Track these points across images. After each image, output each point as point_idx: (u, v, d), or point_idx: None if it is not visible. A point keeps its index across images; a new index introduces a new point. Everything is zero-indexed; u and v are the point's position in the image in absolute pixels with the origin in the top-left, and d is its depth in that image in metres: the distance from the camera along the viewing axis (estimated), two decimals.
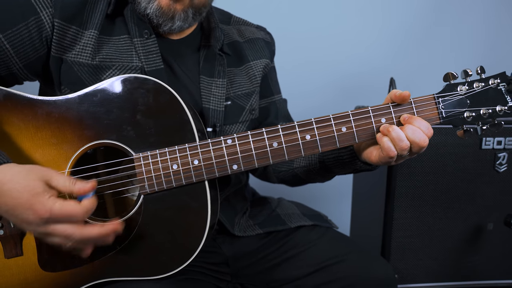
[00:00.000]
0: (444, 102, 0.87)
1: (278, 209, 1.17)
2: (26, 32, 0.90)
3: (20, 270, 0.85)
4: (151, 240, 0.85)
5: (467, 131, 0.89)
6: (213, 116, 1.01)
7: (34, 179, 0.74)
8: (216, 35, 1.06)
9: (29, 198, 0.72)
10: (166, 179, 0.85)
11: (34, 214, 0.72)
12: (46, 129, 0.86)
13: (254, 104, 1.11)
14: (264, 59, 1.14)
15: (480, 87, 0.88)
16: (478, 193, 1.44)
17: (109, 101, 0.86)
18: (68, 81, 0.93)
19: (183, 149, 0.85)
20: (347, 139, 0.86)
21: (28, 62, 0.92)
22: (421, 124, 0.83)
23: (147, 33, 0.96)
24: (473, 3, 1.99)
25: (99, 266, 0.85)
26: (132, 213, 0.85)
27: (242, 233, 1.08)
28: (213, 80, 1.03)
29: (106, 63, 0.94)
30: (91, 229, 0.76)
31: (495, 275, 1.49)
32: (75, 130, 0.86)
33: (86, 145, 0.86)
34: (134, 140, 0.85)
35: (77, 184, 0.76)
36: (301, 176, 1.09)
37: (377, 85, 1.82)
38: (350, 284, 0.98)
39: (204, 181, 0.85)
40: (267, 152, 0.85)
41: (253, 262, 1.07)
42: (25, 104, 0.87)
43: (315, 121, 0.85)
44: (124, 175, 0.88)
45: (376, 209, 1.51)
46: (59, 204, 0.73)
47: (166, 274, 0.85)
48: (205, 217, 0.85)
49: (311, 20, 1.91)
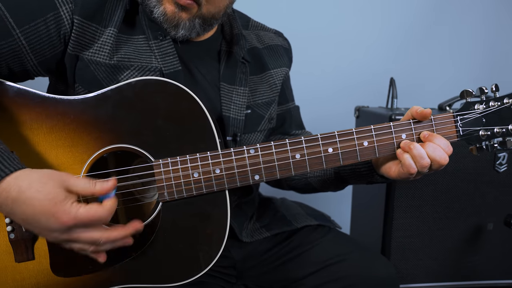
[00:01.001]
0: (462, 120, 0.89)
1: (283, 209, 1.17)
2: (44, 28, 0.85)
3: (31, 274, 0.82)
4: (168, 248, 0.84)
5: (480, 149, 0.91)
6: (233, 124, 0.99)
7: (54, 186, 0.71)
8: (241, 43, 1.03)
9: (51, 206, 0.69)
10: (186, 187, 0.83)
11: (58, 222, 0.70)
12: (61, 130, 0.83)
13: (273, 113, 1.10)
14: (284, 68, 1.13)
15: (496, 106, 0.90)
16: (478, 193, 1.44)
17: (128, 104, 0.83)
18: (83, 80, 0.89)
19: (204, 157, 0.83)
20: (368, 154, 0.86)
21: (44, 59, 0.88)
22: (441, 142, 0.84)
23: (161, 34, 0.93)
24: (473, 3, 2.01)
25: (113, 273, 0.84)
26: (150, 220, 0.84)
27: (250, 238, 1.08)
28: (234, 88, 1.01)
29: (125, 63, 0.90)
30: (115, 231, 0.75)
31: (495, 275, 1.51)
32: (92, 133, 0.83)
33: (102, 148, 0.83)
34: (154, 145, 0.83)
35: (97, 185, 0.74)
36: (315, 185, 1.09)
37: (377, 85, 1.83)
38: (352, 283, 0.99)
39: (225, 190, 0.84)
40: (289, 164, 0.85)
41: (258, 263, 1.07)
42: (38, 102, 0.83)
43: (338, 134, 0.85)
44: (142, 182, 0.86)
45: (376, 209, 1.51)
46: (83, 210, 0.71)
47: (181, 282, 0.85)
48: (225, 226, 0.84)
49: (311, 20, 1.89)
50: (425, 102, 1.74)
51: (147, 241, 0.84)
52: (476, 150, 0.92)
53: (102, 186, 0.74)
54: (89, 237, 0.73)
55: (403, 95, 1.74)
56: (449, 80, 2.02)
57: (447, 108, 1.41)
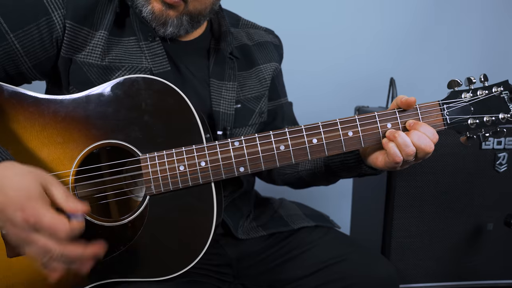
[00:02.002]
0: (448, 108, 0.88)
1: (281, 210, 1.17)
2: (36, 33, 0.89)
3: (22, 269, 0.84)
4: (156, 242, 0.85)
5: (470, 138, 0.90)
6: (223, 119, 1.01)
7: (33, 181, 0.72)
8: (227, 39, 1.06)
9: (24, 200, 0.70)
10: (172, 180, 0.84)
11: (23, 216, 0.69)
12: (52, 128, 0.86)
13: (264, 107, 1.11)
14: (274, 63, 1.15)
15: (484, 94, 0.89)
16: (478, 193, 1.44)
17: (116, 101, 0.86)
18: (77, 81, 0.93)
19: (190, 150, 0.85)
20: (353, 144, 0.86)
21: (38, 62, 0.92)
22: (427, 130, 0.84)
23: (151, 36, 0.96)
24: (472, 3, 2.00)
25: (102, 267, 0.84)
26: (138, 214, 0.85)
27: (245, 236, 1.08)
28: (224, 83, 1.03)
29: (116, 64, 0.94)
30: (72, 248, 0.72)
31: (495, 275, 1.50)
32: (82, 130, 0.86)
33: (92, 144, 0.85)
34: (141, 140, 0.85)
35: (70, 202, 0.73)
36: (306, 179, 1.10)
37: (377, 85, 1.83)
38: (352, 284, 0.98)
39: (211, 183, 0.85)
40: (274, 155, 0.85)
41: (255, 262, 1.07)
42: (31, 102, 0.86)
43: (322, 125, 0.86)
44: (130, 176, 0.88)
45: (376, 209, 1.51)
46: (49, 215, 0.70)
47: (170, 275, 0.85)
48: (211, 218, 0.85)
49: (311, 20, 1.90)
50: (425, 102, 1.72)
51: (135, 235, 0.85)
52: (467, 140, 0.91)
53: (74, 205, 0.73)
54: (45, 245, 0.70)
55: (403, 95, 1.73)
56: (449, 80, 1.99)
57: None
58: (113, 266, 0.85)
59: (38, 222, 0.69)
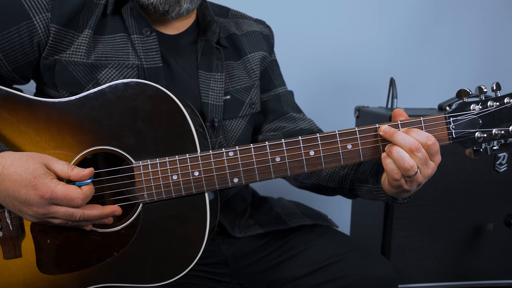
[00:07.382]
0: (455, 122, 0.84)
1: (278, 208, 1.17)
2: (16, 37, 0.88)
3: (19, 271, 0.85)
4: (149, 249, 0.85)
5: (477, 151, 0.86)
6: (212, 111, 1.00)
7: (34, 162, 0.77)
8: (212, 28, 1.05)
9: (32, 179, 0.75)
10: (165, 189, 0.83)
11: (37, 194, 0.75)
12: (46, 132, 0.85)
13: (254, 98, 1.09)
14: (261, 52, 1.12)
15: (495, 106, 0.84)
16: (478, 193, 1.44)
17: (110, 106, 0.84)
18: (64, 82, 0.92)
19: (183, 159, 0.83)
20: (352, 157, 0.83)
21: (17, 66, 0.92)
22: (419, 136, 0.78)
23: (147, 30, 0.95)
24: (472, 3, 1.99)
25: (96, 271, 0.85)
26: (131, 221, 0.85)
27: (242, 233, 1.08)
28: (211, 74, 1.02)
29: (102, 62, 0.92)
30: (92, 209, 0.80)
31: (495, 275, 1.51)
32: (75, 135, 0.84)
33: (85, 150, 0.84)
34: (134, 147, 0.84)
35: (74, 169, 0.79)
36: (326, 191, 1.10)
37: (377, 85, 1.83)
38: (350, 283, 0.98)
39: (204, 192, 0.84)
40: (269, 167, 0.83)
41: (253, 262, 1.07)
42: (24, 105, 0.85)
43: (320, 137, 0.83)
44: (123, 183, 0.87)
45: (376, 208, 1.51)
46: (61, 186, 0.76)
47: (163, 282, 0.85)
48: (204, 228, 0.84)
49: (311, 20, 1.88)
50: (425, 102, 1.69)
51: (128, 242, 0.85)
52: (473, 153, 0.87)
53: (78, 172, 0.79)
54: (65, 212, 0.77)
55: (403, 95, 1.73)
56: (449, 80, 2.00)
57: (447, 108, 1.37)
58: (107, 271, 0.86)
59: (53, 195, 0.75)
